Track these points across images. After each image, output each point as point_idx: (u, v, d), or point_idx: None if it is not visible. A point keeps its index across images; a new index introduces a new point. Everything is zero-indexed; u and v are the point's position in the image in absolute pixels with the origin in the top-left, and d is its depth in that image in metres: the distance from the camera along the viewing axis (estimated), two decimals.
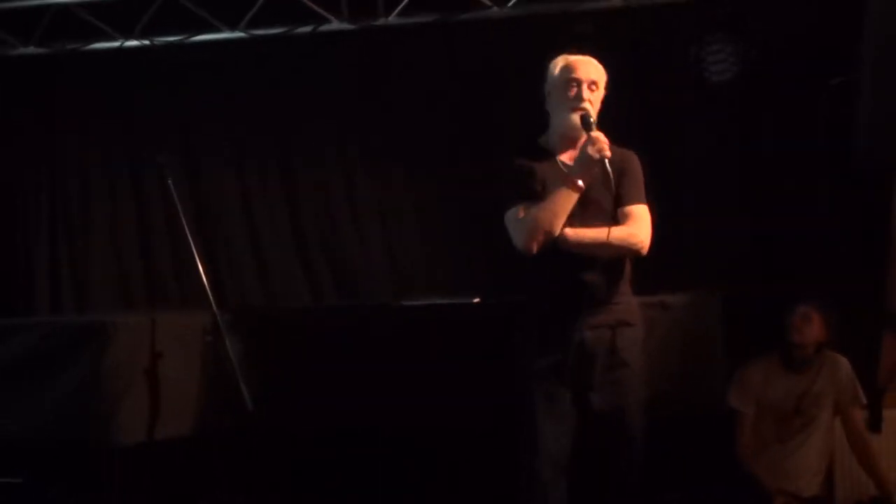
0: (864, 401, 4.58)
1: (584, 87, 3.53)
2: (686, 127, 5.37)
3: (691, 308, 4.29)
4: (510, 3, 5.45)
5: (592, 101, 3.54)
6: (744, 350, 4.65)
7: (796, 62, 5.14)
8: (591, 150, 3.41)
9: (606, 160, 3.40)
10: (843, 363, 4.55)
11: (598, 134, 3.44)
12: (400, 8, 5.53)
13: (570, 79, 3.53)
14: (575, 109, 3.51)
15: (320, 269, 5.87)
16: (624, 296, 3.58)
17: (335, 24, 5.66)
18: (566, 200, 3.43)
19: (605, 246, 3.43)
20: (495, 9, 5.48)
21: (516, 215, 3.49)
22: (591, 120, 3.48)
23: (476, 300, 4.50)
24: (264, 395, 4.04)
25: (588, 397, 3.51)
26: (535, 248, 3.44)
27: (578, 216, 3.45)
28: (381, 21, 5.61)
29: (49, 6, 5.70)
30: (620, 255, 3.52)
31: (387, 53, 5.75)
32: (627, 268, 3.59)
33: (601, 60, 3.52)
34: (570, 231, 3.45)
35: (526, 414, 3.54)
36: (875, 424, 4.65)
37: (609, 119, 3.71)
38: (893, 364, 4.78)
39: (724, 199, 5.32)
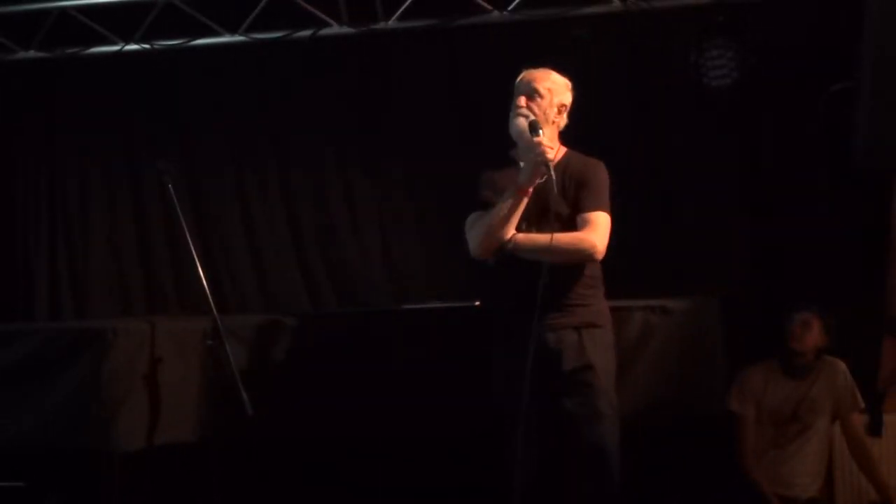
0: (863, 405, 4.58)
1: (542, 93, 3.65)
2: (685, 132, 5.37)
3: (692, 312, 4.28)
4: (510, 7, 5.45)
5: (536, 109, 3.64)
6: (744, 353, 4.66)
7: (795, 66, 5.14)
8: (531, 156, 3.52)
9: (551, 165, 3.48)
10: (841, 368, 4.55)
11: (539, 139, 3.51)
12: (400, 12, 5.54)
13: (523, 87, 3.68)
14: (517, 116, 3.64)
15: (319, 274, 5.86)
16: (590, 298, 3.63)
17: (335, 29, 5.66)
18: (513, 206, 3.53)
19: (551, 250, 3.47)
20: (495, 13, 5.48)
21: (469, 224, 3.64)
22: (538, 126, 3.55)
23: (477, 304, 4.49)
24: (264, 401, 4.03)
25: (560, 401, 3.53)
26: (486, 254, 3.58)
27: (536, 224, 3.56)
28: (381, 25, 5.61)
29: (50, 11, 5.70)
30: (571, 259, 3.55)
31: (387, 58, 5.75)
32: (591, 271, 3.63)
33: (600, 65, 3.55)
34: (521, 236, 3.55)
35: (504, 422, 3.56)
36: (875, 429, 4.66)
37: (608, 123, 3.74)
38: (893, 368, 4.79)
39: (723, 203, 5.32)
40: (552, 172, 3.47)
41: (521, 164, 3.64)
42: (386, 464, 4.53)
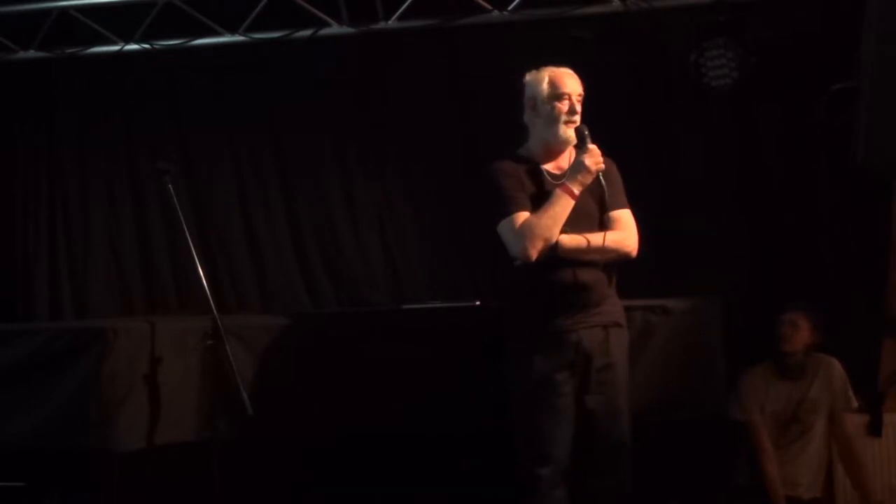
0: (855, 405, 4.57)
1: (574, 100, 3.66)
2: (685, 132, 5.37)
3: (691, 312, 4.29)
4: (510, 8, 5.45)
5: (580, 113, 3.68)
6: (744, 354, 4.65)
7: (795, 66, 5.14)
8: (588, 162, 3.56)
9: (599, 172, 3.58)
10: (836, 367, 4.54)
11: (594, 147, 3.59)
12: (400, 12, 5.53)
13: (561, 94, 3.66)
14: (569, 123, 3.65)
15: (319, 274, 5.86)
16: (613, 297, 3.72)
17: (335, 29, 5.66)
18: (564, 208, 3.55)
19: (601, 250, 3.57)
20: (495, 13, 5.48)
21: (513, 225, 3.58)
22: (586, 133, 3.62)
23: (477, 303, 4.50)
24: (264, 401, 4.03)
25: (583, 399, 3.58)
26: (535, 256, 3.55)
27: (568, 223, 3.57)
28: (380, 25, 5.61)
29: (50, 11, 5.70)
30: (612, 258, 3.64)
31: (386, 58, 5.75)
32: (613, 271, 3.71)
33: (600, 65, 3.57)
34: (565, 237, 3.56)
35: (526, 419, 3.57)
36: (875, 429, 4.65)
37: (607, 123, 3.75)
38: (893, 368, 4.78)
39: (723, 204, 5.32)
40: (602, 179, 3.57)
41: (544, 167, 3.68)
42: (386, 463, 4.53)
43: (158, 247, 5.99)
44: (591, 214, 3.64)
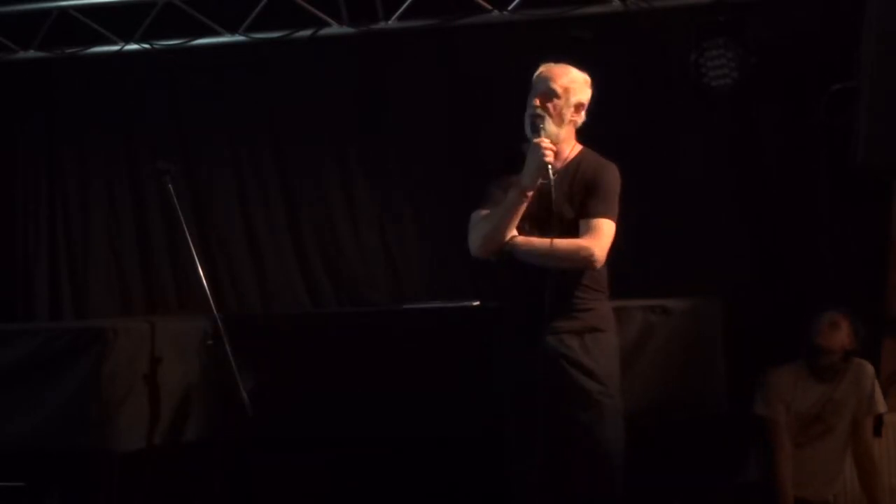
0: (880, 410, 4.49)
1: (541, 94, 3.52)
2: (685, 132, 5.37)
3: (691, 312, 4.29)
4: (510, 7, 5.45)
5: (552, 109, 3.51)
6: (743, 354, 4.64)
7: (795, 66, 5.14)
8: (534, 156, 3.40)
9: (550, 167, 3.37)
10: (870, 372, 4.46)
11: (539, 140, 3.42)
12: (400, 12, 5.54)
13: (534, 85, 3.57)
14: (528, 116, 3.52)
15: (319, 274, 5.87)
16: (593, 302, 3.54)
17: (335, 29, 5.66)
18: (513, 207, 3.43)
19: (550, 256, 3.40)
20: (495, 13, 5.48)
21: (472, 220, 3.55)
22: (540, 125, 3.45)
23: (476, 303, 4.50)
24: (264, 400, 4.03)
25: (559, 406, 3.45)
26: (484, 254, 3.50)
27: (539, 226, 3.46)
28: (380, 25, 5.62)
29: (50, 11, 5.71)
30: (568, 265, 3.46)
31: (386, 58, 5.75)
32: (596, 275, 3.54)
33: (600, 65, 3.52)
34: (520, 239, 3.47)
35: (508, 424, 3.54)
36: (876, 429, 4.63)
37: (607, 123, 3.73)
38: (893, 369, 4.77)
39: (723, 204, 5.32)
40: (552, 175, 3.37)
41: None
42: (386, 463, 4.53)
43: (158, 247, 6.00)
44: (568, 219, 3.47)
